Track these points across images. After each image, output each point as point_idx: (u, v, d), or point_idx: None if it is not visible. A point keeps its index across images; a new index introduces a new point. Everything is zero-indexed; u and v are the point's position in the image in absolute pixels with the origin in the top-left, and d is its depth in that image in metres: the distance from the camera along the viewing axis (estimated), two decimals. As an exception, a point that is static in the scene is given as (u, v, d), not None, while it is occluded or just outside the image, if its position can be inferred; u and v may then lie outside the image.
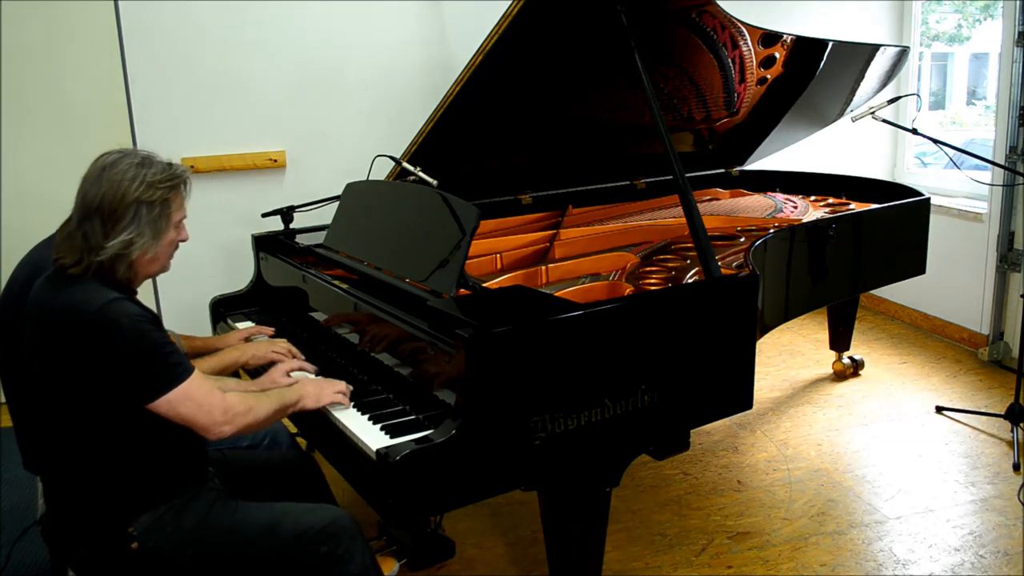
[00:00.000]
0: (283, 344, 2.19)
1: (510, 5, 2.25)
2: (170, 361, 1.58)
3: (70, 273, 1.59)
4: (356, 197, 2.55)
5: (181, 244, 1.75)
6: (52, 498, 1.78)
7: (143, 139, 3.56)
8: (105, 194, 1.58)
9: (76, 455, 1.63)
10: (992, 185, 3.92)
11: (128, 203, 1.59)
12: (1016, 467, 2.95)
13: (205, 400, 1.60)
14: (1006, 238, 3.93)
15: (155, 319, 1.61)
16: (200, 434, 1.63)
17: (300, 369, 2.12)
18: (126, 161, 1.62)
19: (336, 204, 2.61)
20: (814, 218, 3.13)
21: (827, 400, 3.62)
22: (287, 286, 2.61)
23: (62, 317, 1.55)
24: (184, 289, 3.57)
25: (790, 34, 3.02)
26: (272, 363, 2.18)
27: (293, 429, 2.26)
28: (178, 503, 1.66)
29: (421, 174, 2.62)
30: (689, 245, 2.77)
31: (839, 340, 3.85)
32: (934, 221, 3.47)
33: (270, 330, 2.42)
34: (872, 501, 2.77)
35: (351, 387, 1.95)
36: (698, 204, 2.40)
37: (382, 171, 2.82)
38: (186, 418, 1.58)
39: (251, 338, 2.36)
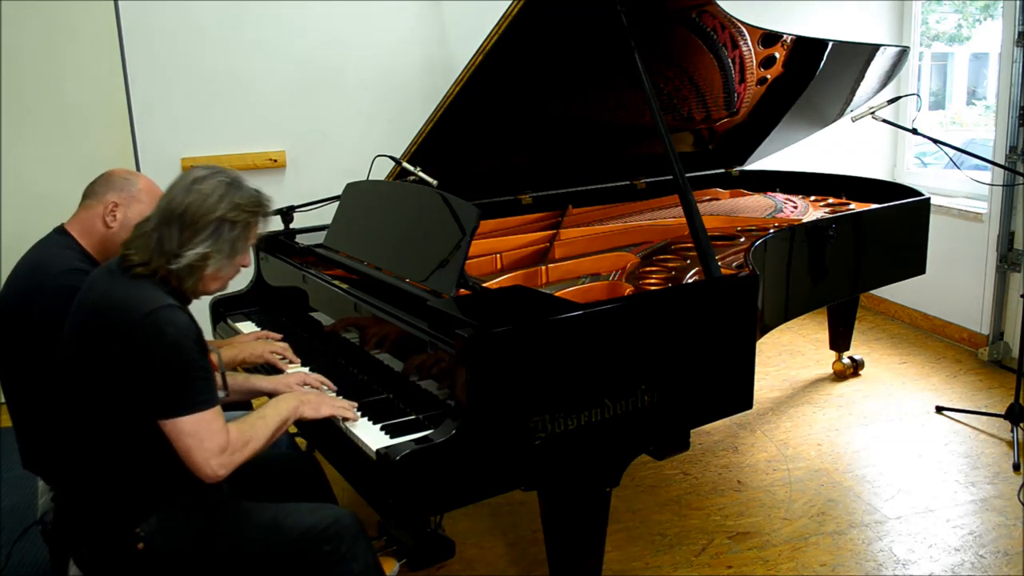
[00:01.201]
0: (280, 345, 2.21)
1: (510, 5, 2.25)
2: (196, 387, 1.55)
3: (135, 272, 1.60)
4: (356, 197, 2.55)
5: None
6: (59, 496, 1.78)
7: (143, 139, 3.56)
8: (191, 204, 1.61)
9: (90, 454, 1.63)
10: (992, 185, 3.92)
11: (212, 218, 1.62)
12: (1016, 467, 2.95)
13: (209, 437, 1.55)
14: (1006, 238, 3.93)
15: (199, 337, 1.59)
16: (191, 470, 1.58)
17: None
18: (217, 178, 1.66)
19: (336, 204, 2.62)
20: (814, 218, 3.13)
21: (827, 400, 3.62)
22: (287, 286, 2.61)
23: (113, 310, 1.56)
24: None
25: (790, 34, 3.02)
26: (268, 363, 2.19)
27: (293, 429, 2.26)
28: (187, 505, 1.66)
29: (421, 174, 2.62)
30: (689, 245, 2.77)
31: (839, 340, 3.85)
32: (934, 221, 3.47)
33: (278, 336, 2.39)
34: (872, 501, 2.77)
35: (355, 405, 1.89)
36: (698, 204, 2.40)
37: (382, 171, 2.82)
38: (183, 451, 1.55)
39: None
